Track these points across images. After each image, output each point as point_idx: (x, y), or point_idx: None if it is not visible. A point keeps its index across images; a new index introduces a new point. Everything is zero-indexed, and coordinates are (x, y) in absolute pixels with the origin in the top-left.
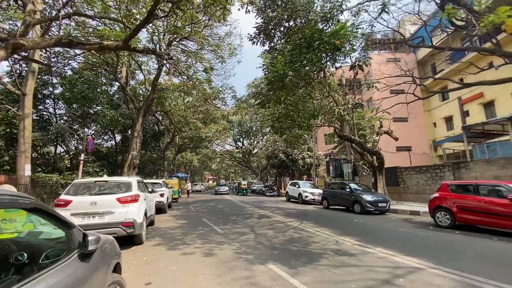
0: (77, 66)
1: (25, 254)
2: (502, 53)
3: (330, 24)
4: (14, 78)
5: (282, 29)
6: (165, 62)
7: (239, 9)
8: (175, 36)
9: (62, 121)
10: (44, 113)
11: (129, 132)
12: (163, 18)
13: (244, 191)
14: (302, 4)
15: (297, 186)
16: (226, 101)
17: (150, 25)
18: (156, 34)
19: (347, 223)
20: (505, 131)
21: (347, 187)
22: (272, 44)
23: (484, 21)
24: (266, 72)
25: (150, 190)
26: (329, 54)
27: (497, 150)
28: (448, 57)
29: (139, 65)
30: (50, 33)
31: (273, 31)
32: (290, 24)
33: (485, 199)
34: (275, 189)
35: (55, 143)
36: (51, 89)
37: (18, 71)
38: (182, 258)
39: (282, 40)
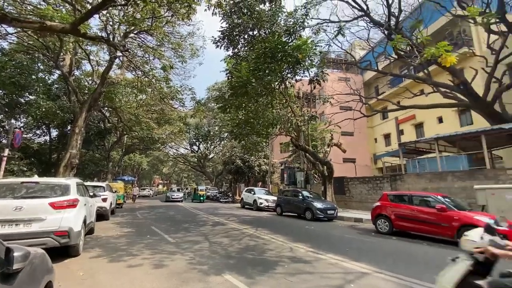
0: (7, 47)
1: None
2: (432, 82)
3: (293, 38)
4: None
5: (246, 36)
6: (119, 54)
7: (205, 10)
8: (133, 28)
9: None
10: None
11: (69, 127)
12: (121, 7)
13: (201, 198)
14: (267, 16)
15: (252, 192)
16: (184, 102)
17: (105, 12)
18: (111, 23)
19: (299, 230)
20: (432, 150)
21: (300, 194)
22: (236, 50)
23: (426, 53)
24: (229, 77)
25: (91, 194)
26: (290, 67)
27: (426, 166)
28: (389, 82)
29: (87, 54)
30: None
31: (237, 37)
32: (255, 33)
33: (417, 208)
34: (230, 195)
35: None
36: None
37: None
38: (127, 270)
39: (246, 48)
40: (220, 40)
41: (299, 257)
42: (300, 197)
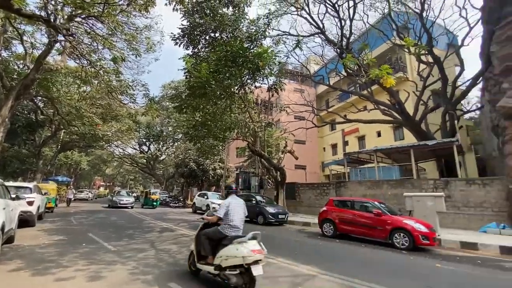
0: None
1: None
2: (374, 100)
3: (254, 46)
4: None
5: (207, 37)
6: (61, 38)
7: (166, 4)
8: (80, 12)
9: None
10: None
11: None
12: None
13: (154, 203)
14: (230, 20)
15: (205, 197)
16: (135, 98)
17: None
18: (53, 2)
19: None
20: (372, 160)
21: (254, 199)
22: (196, 50)
23: (372, 73)
24: (188, 77)
25: (13, 195)
26: (251, 73)
27: (366, 174)
28: (338, 96)
29: (20, 34)
30: None
31: (198, 37)
32: (217, 35)
33: (357, 213)
34: (181, 199)
35: None
36: None
37: None
38: (55, 285)
39: (207, 49)
40: (180, 37)
41: None
42: (254, 202)
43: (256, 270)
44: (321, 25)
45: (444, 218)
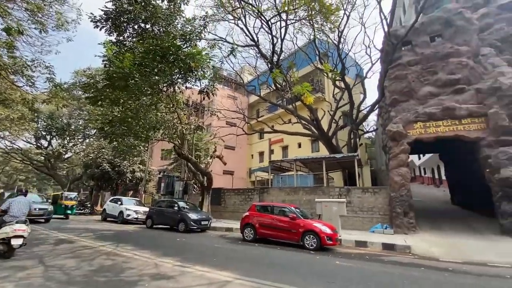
0: None
1: None
2: (297, 114)
3: (188, 45)
4: None
5: (136, 27)
6: None
7: None
8: None
9: None
10: None
11: None
12: None
13: (68, 211)
14: (164, 14)
15: (119, 203)
16: (34, 81)
17: None
18: None
19: (170, 243)
20: (292, 168)
21: (176, 205)
22: (121, 38)
23: (295, 90)
24: (108, 65)
25: None
26: (182, 72)
27: (286, 181)
28: (267, 107)
29: None
30: None
31: (125, 24)
32: (147, 27)
33: (276, 217)
34: (88, 205)
35: None
36: None
37: None
38: None
39: (135, 39)
40: (102, 21)
41: (163, 273)
42: (176, 208)
43: (15, 242)
44: (256, 38)
45: (345, 221)
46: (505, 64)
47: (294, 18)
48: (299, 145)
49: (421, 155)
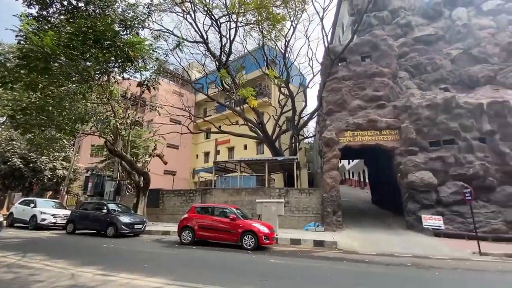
0: None
1: None
2: (244, 117)
3: (128, 33)
4: None
5: (66, 3)
6: None
7: None
8: None
9: None
10: None
11: None
12: None
13: None
14: None
15: (32, 205)
16: None
17: None
18: None
19: (94, 250)
20: (236, 170)
21: (105, 207)
22: (45, 13)
23: (240, 93)
24: (23, 41)
25: None
26: (119, 61)
27: (230, 182)
28: (215, 107)
29: None
30: None
31: None
32: (80, 5)
33: (216, 219)
34: None
35: None
36: None
37: None
38: None
39: (62, 16)
40: None
41: (81, 284)
42: (105, 210)
43: None
44: (205, 36)
45: (283, 220)
46: (415, 87)
47: (243, 21)
48: (245, 147)
49: (351, 160)
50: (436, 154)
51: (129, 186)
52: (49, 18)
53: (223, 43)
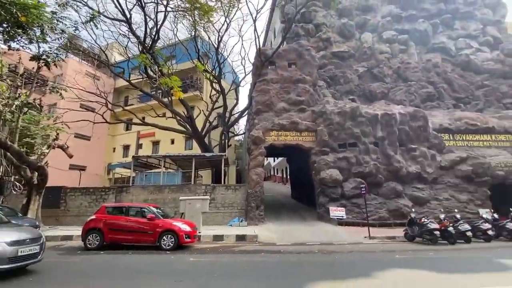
0: None
1: None
2: (171, 109)
3: None
4: None
5: None
6: None
7: None
8: None
9: None
10: None
11: None
12: None
13: None
14: None
15: None
16: None
17: None
18: None
19: None
20: (160, 166)
21: None
22: None
23: (162, 81)
24: None
25: None
26: (6, 26)
27: (151, 179)
28: (139, 96)
29: None
30: None
31: None
32: None
33: (131, 219)
34: None
35: None
36: None
37: None
38: None
39: None
40: None
41: None
42: None
43: None
44: (128, 14)
45: (208, 217)
46: (330, 95)
47: (173, 6)
48: (172, 142)
49: (276, 158)
50: (342, 154)
51: (17, 183)
52: None
53: (150, 27)
